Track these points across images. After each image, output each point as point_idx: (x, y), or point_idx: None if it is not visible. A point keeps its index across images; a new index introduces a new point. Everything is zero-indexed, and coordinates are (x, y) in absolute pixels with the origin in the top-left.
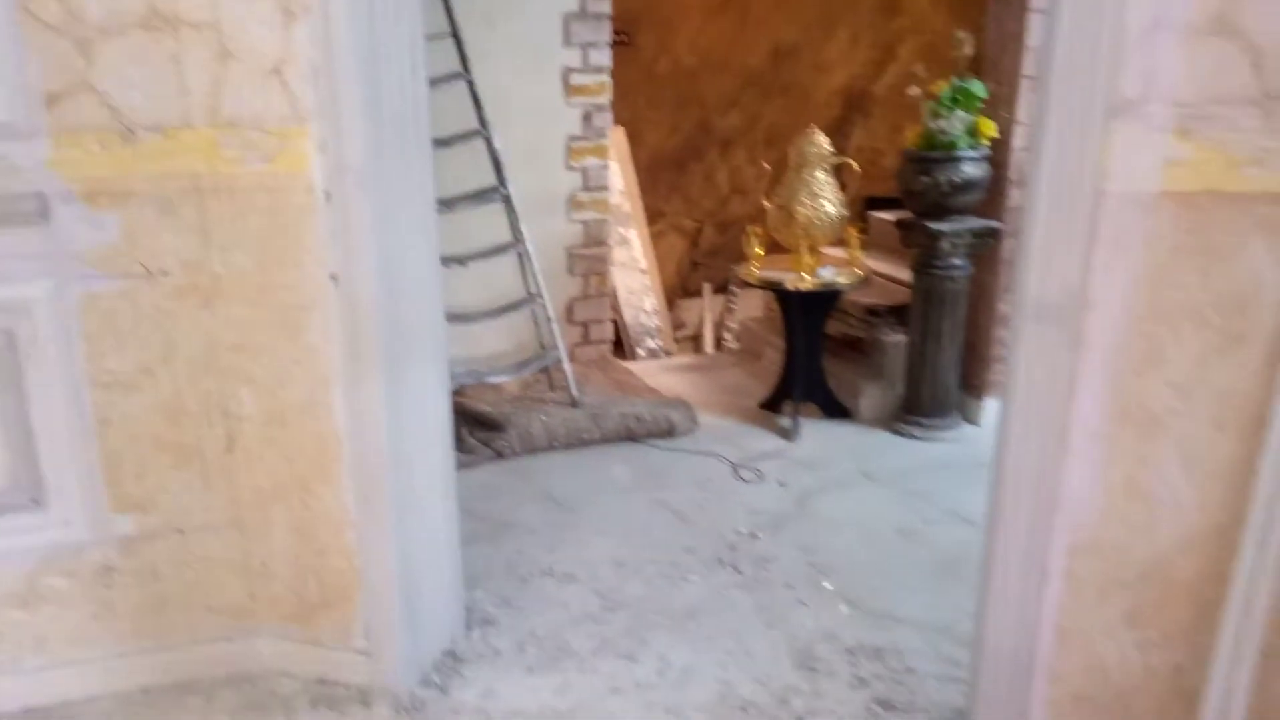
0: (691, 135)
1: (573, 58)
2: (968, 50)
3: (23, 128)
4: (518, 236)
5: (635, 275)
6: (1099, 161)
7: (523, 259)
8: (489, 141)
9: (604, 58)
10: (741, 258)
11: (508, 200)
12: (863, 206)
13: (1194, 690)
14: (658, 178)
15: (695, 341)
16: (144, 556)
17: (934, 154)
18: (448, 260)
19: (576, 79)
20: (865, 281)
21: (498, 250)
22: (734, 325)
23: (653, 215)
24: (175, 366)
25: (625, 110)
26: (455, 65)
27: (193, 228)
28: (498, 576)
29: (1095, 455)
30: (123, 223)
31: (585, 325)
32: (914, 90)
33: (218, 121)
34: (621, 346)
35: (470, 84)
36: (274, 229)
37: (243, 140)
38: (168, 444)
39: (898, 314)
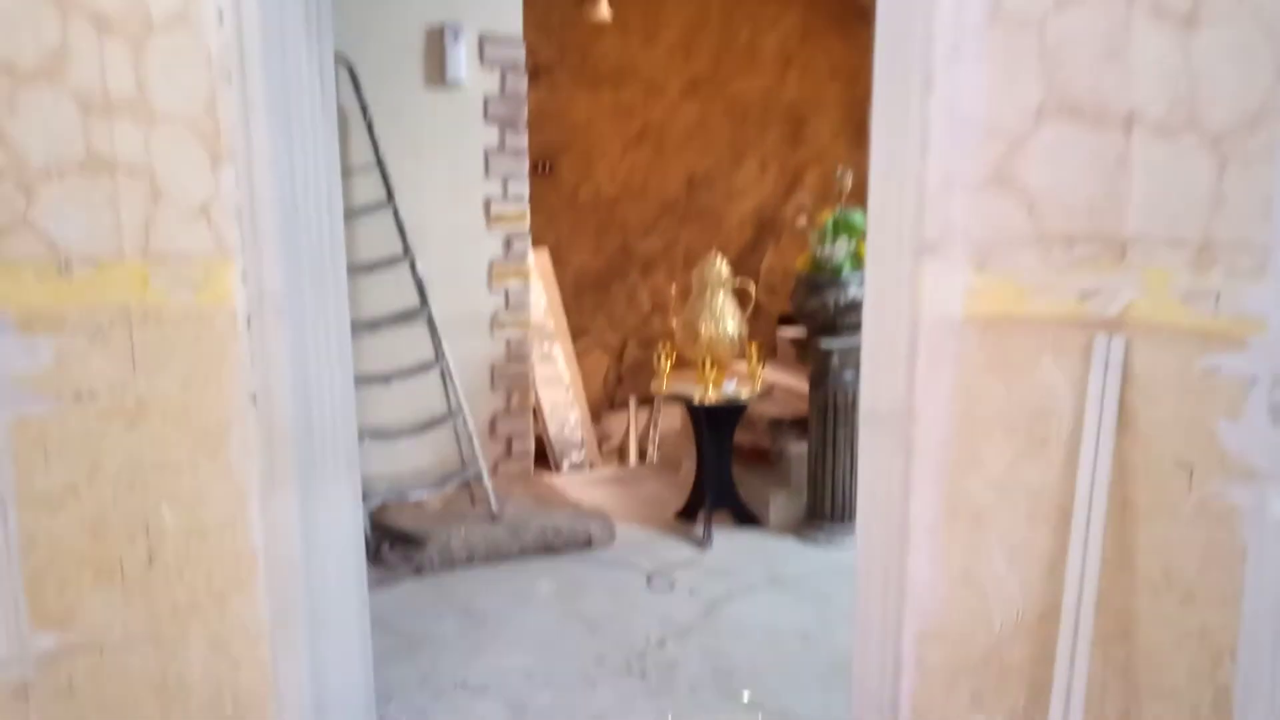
0: (614, 257)
1: (493, 188)
2: (848, 183)
3: None
4: (440, 354)
5: (560, 390)
6: (913, 291)
7: (445, 376)
8: (412, 266)
9: (523, 188)
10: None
11: (430, 321)
12: (776, 323)
13: None
14: (582, 297)
15: (620, 454)
16: (62, 673)
17: (822, 277)
18: (371, 379)
19: (497, 208)
20: (767, 394)
21: (420, 368)
22: (657, 437)
23: (578, 332)
24: (100, 485)
25: (550, 234)
26: (381, 195)
27: (121, 353)
28: (412, 690)
29: (933, 549)
30: (55, 349)
31: (508, 440)
32: (802, 221)
33: (148, 255)
34: (547, 460)
35: (395, 212)
36: (198, 354)
37: (171, 273)
38: (89, 560)
39: (801, 425)
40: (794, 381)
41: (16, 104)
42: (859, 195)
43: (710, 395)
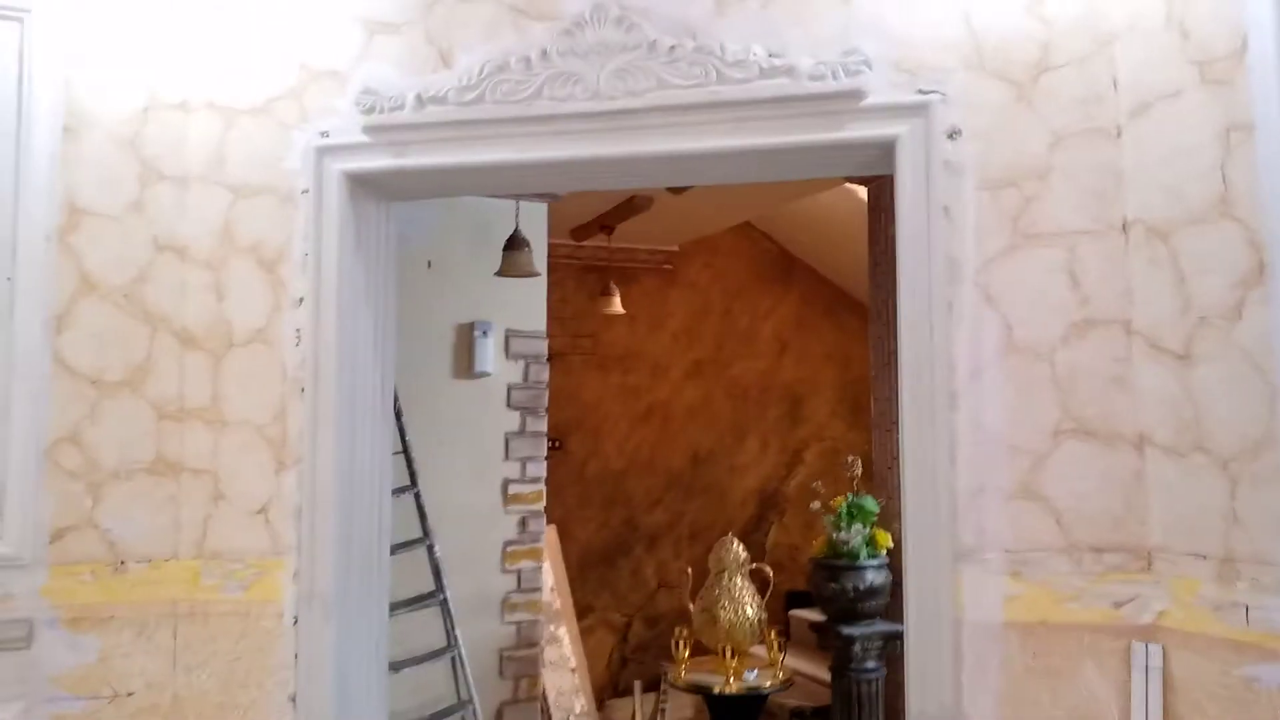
0: (619, 531)
1: (512, 470)
2: (858, 471)
3: (25, 559)
4: (452, 641)
5: (565, 675)
6: (953, 596)
7: (456, 664)
8: (431, 550)
9: (540, 469)
10: (670, 653)
11: (445, 605)
12: (784, 601)
13: None
14: (587, 573)
15: None
16: None
17: (839, 562)
18: None
19: (514, 488)
20: (789, 684)
21: (432, 655)
22: None
23: (582, 610)
24: None
25: (557, 508)
26: (404, 479)
27: (164, 649)
28: None
29: None
30: (100, 647)
31: None
32: (815, 504)
33: (203, 553)
34: None
35: (417, 497)
36: (240, 651)
37: (223, 571)
38: None
39: (823, 715)
40: (813, 667)
41: (98, 413)
42: (866, 480)
43: (732, 685)
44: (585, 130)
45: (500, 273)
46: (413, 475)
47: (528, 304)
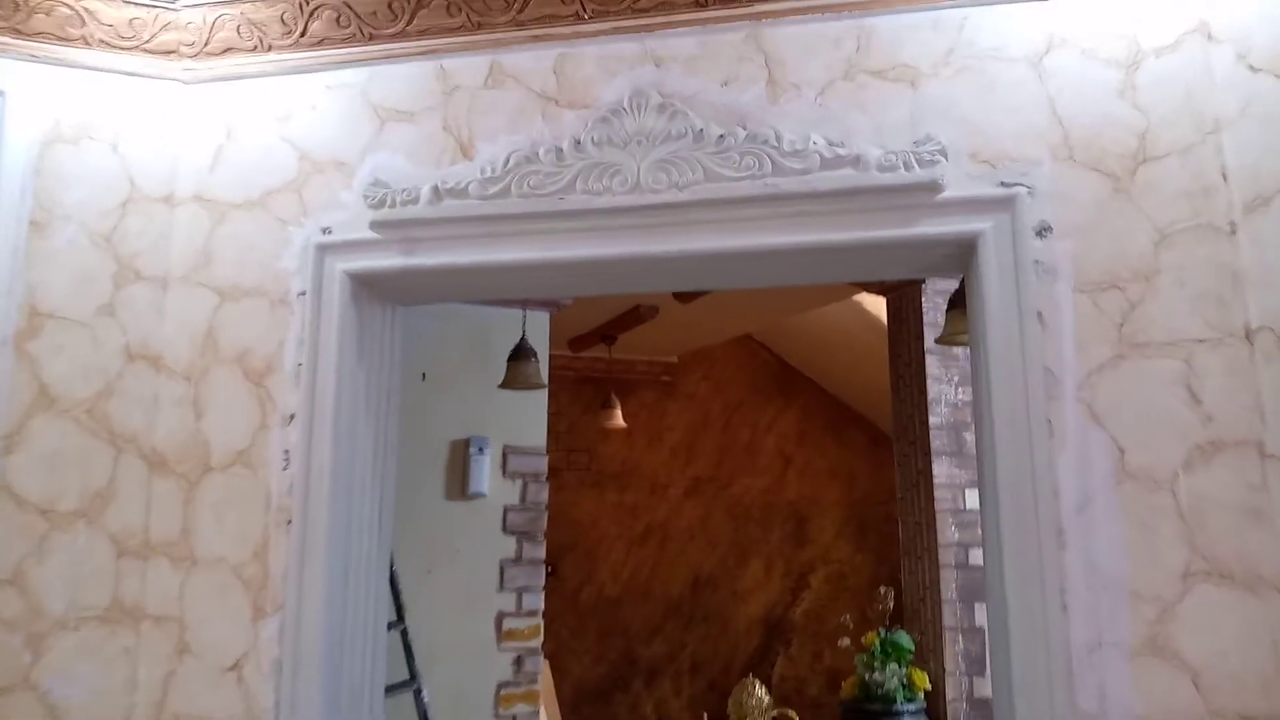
0: (616, 665)
1: (507, 602)
2: (889, 604)
3: None
4: None
5: None
6: None
7: None
8: (418, 695)
9: (537, 601)
10: None
11: None
12: None
13: None
14: (581, 711)
15: None
16: None
17: (873, 706)
18: None
19: (509, 623)
20: None
21: None
22: None
23: None
24: None
25: (549, 641)
26: (390, 615)
27: None
28: None
29: None
30: None
31: None
32: (844, 641)
33: (162, 718)
34: None
35: (404, 634)
36: None
37: None
38: None
39: None
40: None
41: (46, 549)
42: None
43: None
44: (624, 226)
45: (505, 385)
46: (400, 610)
47: (527, 418)
